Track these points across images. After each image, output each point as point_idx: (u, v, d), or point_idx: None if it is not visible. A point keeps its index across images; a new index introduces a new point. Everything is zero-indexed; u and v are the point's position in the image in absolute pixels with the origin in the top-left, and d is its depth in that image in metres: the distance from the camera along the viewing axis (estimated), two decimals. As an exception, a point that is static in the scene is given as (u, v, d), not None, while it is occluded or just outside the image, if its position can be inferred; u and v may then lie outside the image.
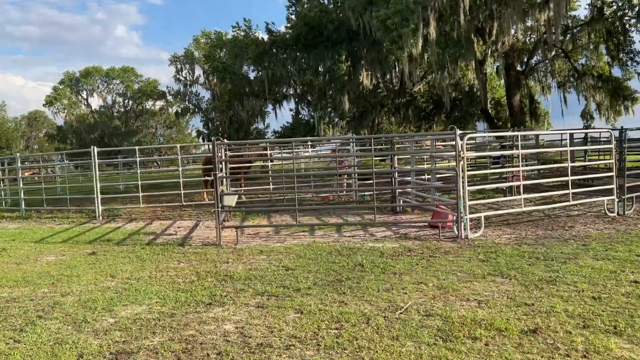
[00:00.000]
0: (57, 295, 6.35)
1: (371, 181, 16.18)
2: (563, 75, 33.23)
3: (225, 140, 11.90)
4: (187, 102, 67.32)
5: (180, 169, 14.32)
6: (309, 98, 45.56)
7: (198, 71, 66.58)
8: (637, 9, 27.20)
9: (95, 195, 14.40)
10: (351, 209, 13.11)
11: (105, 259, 8.50)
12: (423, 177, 14.10)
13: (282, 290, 6.04)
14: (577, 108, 33.69)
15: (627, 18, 27.76)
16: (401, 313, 4.99)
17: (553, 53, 31.58)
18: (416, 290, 5.76)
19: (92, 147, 14.59)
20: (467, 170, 12.48)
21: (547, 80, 33.91)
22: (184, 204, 14.34)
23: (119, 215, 14.65)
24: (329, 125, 36.54)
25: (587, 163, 15.55)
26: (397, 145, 14.15)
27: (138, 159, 14.80)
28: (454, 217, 9.16)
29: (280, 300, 5.65)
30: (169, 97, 69.13)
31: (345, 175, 16.61)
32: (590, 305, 4.92)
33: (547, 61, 32.25)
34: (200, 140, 61.86)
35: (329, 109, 30.30)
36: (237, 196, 10.20)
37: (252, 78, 38.67)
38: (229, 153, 14.20)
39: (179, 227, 11.84)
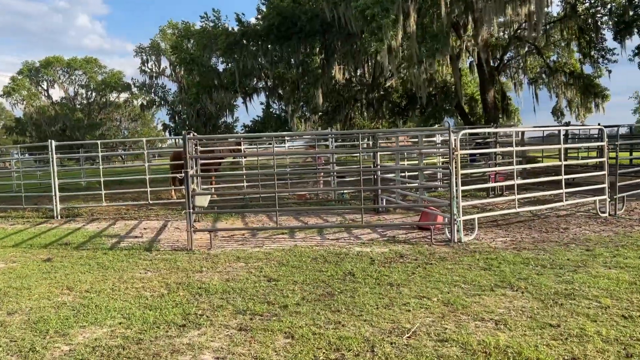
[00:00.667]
0: (3, 314, 5.45)
1: (348, 179, 15.54)
2: (535, 72, 33.25)
3: (196, 134, 11.02)
4: (152, 95, 65.67)
5: (146, 164, 13.35)
6: (280, 91, 44.77)
7: (164, 63, 64.82)
8: (609, 6, 27.31)
9: (53, 193, 13.31)
10: (332, 209, 12.40)
11: (62, 266, 7.57)
12: (403, 174, 13.52)
13: (266, 307, 5.28)
14: (547, 104, 33.88)
15: (599, 15, 27.84)
16: (409, 337, 4.30)
17: (526, 49, 31.55)
18: (420, 306, 5.09)
19: (49, 140, 13.49)
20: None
21: (519, 77, 33.88)
22: (151, 202, 13.38)
23: (80, 214, 13.59)
24: (301, 119, 35.83)
25: (579, 162, 15.16)
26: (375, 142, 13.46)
27: (100, 154, 13.74)
28: (445, 219, 8.56)
29: (266, 320, 4.90)
30: (134, 89, 67.18)
31: (322, 173, 15.91)
32: (623, 326, 4.32)
33: (519, 57, 32.20)
34: (167, 133, 60.41)
35: (302, 103, 29.47)
36: (209, 196, 9.37)
37: (221, 70, 37.67)
38: (199, 148, 13.29)
39: (145, 229, 10.92)
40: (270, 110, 49.14)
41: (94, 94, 72.31)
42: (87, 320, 5.16)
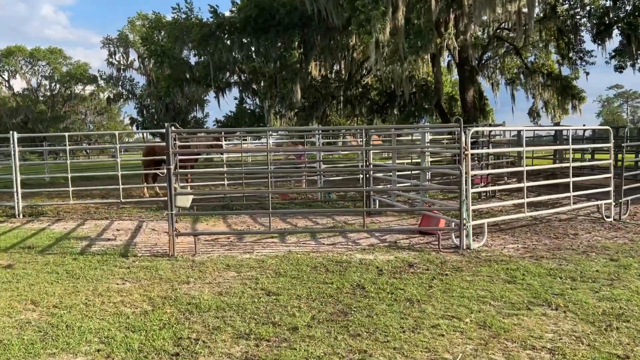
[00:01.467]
0: (-47, 337, 4.54)
1: (330, 178, 14.79)
2: (512, 73, 33.18)
3: (179, 127, 10.08)
4: (120, 88, 63.90)
5: (118, 159, 12.33)
6: (255, 87, 43.72)
7: (133, 55, 62.98)
8: (587, 8, 27.27)
9: (15, 189, 12.18)
10: (325, 211, 11.63)
11: (25, 275, 6.62)
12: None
13: (272, 329, 4.51)
14: (522, 105, 33.93)
15: (578, 17, 27.78)
16: (454, 372, 3.60)
17: (504, 49, 31.40)
18: (453, 329, 4.39)
19: (11, 132, 12.35)
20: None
21: (497, 77, 33.74)
22: (123, 200, 12.37)
23: (44, 213, 12.49)
24: (277, 116, 35.00)
25: (586, 163, 14.70)
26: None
27: (68, 147, 12.62)
28: (452, 224, 7.93)
29: (276, 347, 4.13)
30: (101, 82, 64.98)
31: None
32: (701, 357, 3.72)
33: (497, 57, 32.04)
34: (134, 128, 58.93)
35: (278, 99, 28.56)
36: (192, 196, 8.52)
37: (193, 63, 36.60)
38: (178, 143, 12.36)
39: (118, 230, 9.97)
40: (244, 105, 48.01)
41: (58, 86, 69.78)
42: (57, 345, 4.30)
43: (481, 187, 13.22)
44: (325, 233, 9.02)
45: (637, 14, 21.45)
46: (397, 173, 12.87)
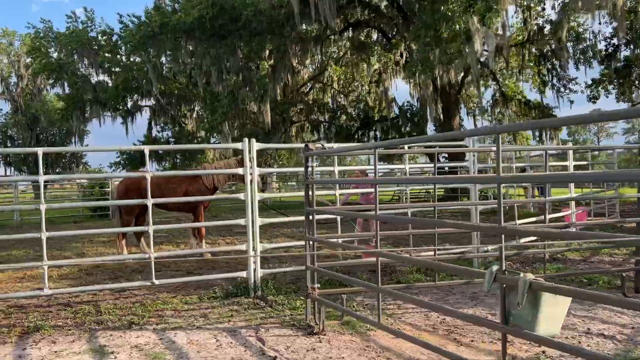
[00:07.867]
0: None
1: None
2: (474, 101, 30.76)
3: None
4: (-24, 116, 54.04)
5: (149, 200, 6.15)
6: (172, 111, 37.65)
7: (-6, 78, 53.46)
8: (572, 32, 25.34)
9: None
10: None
11: None
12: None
13: None
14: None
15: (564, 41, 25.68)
16: None
17: (469, 77, 28.67)
18: None
19: None
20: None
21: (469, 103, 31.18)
22: (156, 282, 6.13)
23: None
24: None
25: None
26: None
27: (42, 178, 6.12)
28: None
29: None
30: (-52, 108, 53.88)
31: (371, 223, 9.82)
32: None
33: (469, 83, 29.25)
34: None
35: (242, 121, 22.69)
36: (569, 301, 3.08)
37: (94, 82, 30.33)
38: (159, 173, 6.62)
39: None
40: (153, 133, 40.89)
41: None
42: None
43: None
44: None
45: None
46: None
